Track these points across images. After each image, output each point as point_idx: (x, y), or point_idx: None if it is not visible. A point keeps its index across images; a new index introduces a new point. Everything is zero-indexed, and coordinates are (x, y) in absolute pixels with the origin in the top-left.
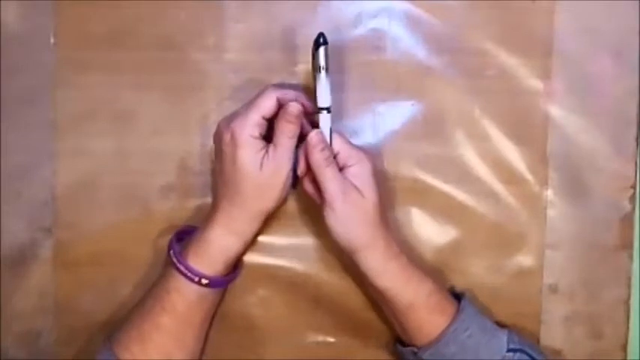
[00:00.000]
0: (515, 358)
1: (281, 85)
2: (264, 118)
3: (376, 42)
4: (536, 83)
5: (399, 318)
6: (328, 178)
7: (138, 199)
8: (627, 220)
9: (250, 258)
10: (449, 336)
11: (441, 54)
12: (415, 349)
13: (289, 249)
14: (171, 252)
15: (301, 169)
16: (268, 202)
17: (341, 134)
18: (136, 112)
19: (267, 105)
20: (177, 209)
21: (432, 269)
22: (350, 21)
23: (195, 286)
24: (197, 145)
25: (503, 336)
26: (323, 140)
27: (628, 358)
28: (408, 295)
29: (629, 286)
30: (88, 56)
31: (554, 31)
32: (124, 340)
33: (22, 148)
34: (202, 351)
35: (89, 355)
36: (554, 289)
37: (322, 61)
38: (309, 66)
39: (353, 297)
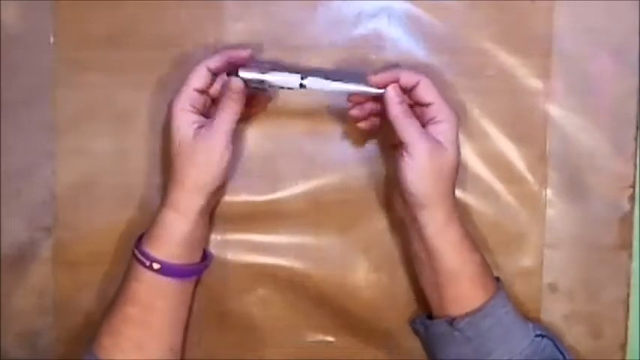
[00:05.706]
0: (544, 343)
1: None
2: (196, 90)
3: (376, 42)
4: (535, 83)
5: (439, 286)
6: (410, 129)
7: (137, 199)
8: (627, 219)
9: (250, 258)
10: (488, 309)
11: (441, 54)
12: (450, 319)
13: (289, 249)
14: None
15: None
16: (204, 175)
17: (434, 87)
18: (136, 112)
19: (195, 77)
20: None
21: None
22: (350, 21)
23: (149, 273)
24: None
25: (529, 323)
26: (400, 94)
27: (627, 357)
28: (456, 263)
29: (628, 286)
30: (87, 56)
31: (553, 30)
32: (98, 337)
33: (22, 148)
34: (184, 343)
35: None
36: (553, 288)
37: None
38: (309, 66)
39: (353, 297)
